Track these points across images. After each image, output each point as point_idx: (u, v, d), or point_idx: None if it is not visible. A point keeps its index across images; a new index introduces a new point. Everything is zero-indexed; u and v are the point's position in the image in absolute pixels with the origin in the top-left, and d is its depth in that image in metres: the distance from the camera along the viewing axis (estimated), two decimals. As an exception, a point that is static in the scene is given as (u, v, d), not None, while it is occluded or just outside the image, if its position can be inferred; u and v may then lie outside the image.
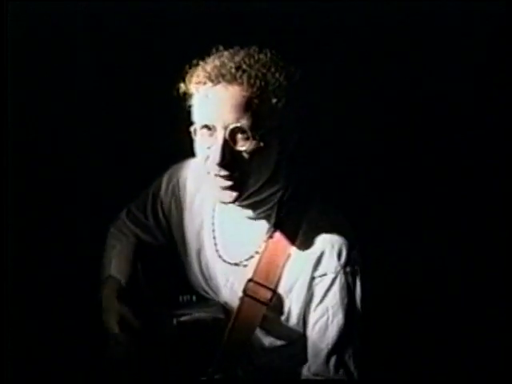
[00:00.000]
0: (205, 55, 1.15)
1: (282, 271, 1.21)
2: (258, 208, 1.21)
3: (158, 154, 1.65)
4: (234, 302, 1.25)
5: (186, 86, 1.14)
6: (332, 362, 1.18)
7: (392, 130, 1.77)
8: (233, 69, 1.07)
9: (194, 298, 1.32)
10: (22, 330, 1.49)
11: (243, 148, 1.09)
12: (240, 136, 1.08)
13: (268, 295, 1.20)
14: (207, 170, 1.12)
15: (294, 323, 1.23)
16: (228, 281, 1.27)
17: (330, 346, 1.18)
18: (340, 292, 1.18)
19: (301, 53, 1.35)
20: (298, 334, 1.24)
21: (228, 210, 1.23)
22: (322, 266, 1.19)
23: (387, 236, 1.73)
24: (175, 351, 1.24)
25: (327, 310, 1.19)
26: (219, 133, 1.08)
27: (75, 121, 1.74)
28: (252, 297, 1.21)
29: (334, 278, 1.18)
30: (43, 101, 1.69)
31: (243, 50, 1.13)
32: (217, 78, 1.08)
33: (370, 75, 1.73)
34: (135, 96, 1.71)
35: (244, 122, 1.07)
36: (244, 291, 1.22)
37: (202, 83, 1.10)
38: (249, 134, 1.07)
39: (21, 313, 1.49)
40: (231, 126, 1.07)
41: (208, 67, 1.10)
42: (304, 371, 1.23)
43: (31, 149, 1.68)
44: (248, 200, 1.17)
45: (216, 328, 1.24)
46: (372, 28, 1.69)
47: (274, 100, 1.09)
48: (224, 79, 1.07)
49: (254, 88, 1.07)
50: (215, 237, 1.29)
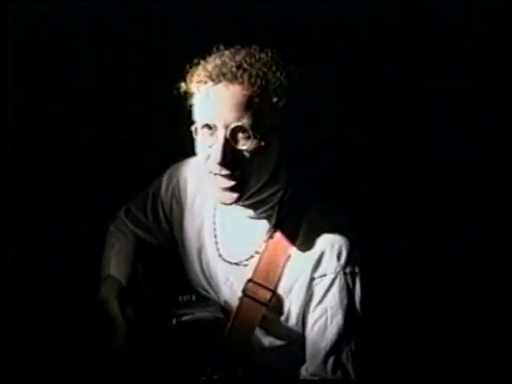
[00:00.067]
0: (205, 54, 1.15)
1: (282, 271, 1.21)
2: (259, 208, 1.21)
3: (158, 154, 1.65)
4: (234, 302, 1.25)
5: (187, 86, 1.14)
6: (330, 363, 1.18)
7: (392, 130, 1.77)
8: (234, 68, 1.07)
9: (194, 298, 1.32)
10: (22, 330, 1.49)
11: (244, 147, 1.09)
12: (241, 135, 1.08)
13: (267, 296, 1.20)
14: (208, 170, 1.12)
15: (294, 323, 1.23)
16: (228, 280, 1.27)
17: (329, 347, 1.18)
18: (339, 293, 1.18)
19: (301, 53, 1.35)
20: (298, 334, 1.24)
21: (229, 210, 1.22)
22: (322, 267, 1.19)
23: (387, 236, 1.73)
24: (175, 351, 1.23)
25: (326, 311, 1.19)
26: (220, 132, 1.08)
27: (75, 121, 1.74)
28: (251, 297, 1.21)
29: (334, 279, 1.18)
30: (43, 101, 1.69)
31: (244, 49, 1.13)
32: (218, 77, 1.08)
33: (370, 75, 1.73)
34: (135, 96, 1.71)
35: (245, 121, 1.07)
36: (243, 291, 1.22)
37: (203, 82, 1.10)
38: (250, 133, 1.07)
39: (21, 313, 1.49)
40: (232, 125, 1.07)
41: (209, 66, 1.10)
42: (302, 371, 1.22)
43: (31, 149, 1.68)
44: (249, 200, 1.17)
45: (216, 328, 1.24)
46: (372, 28, 1.69)
47: (275, 99, 1.09)
48: (225, 78, 1.07)
49: (255, 87, 1.07)
50: (216, 236, 1.29)
